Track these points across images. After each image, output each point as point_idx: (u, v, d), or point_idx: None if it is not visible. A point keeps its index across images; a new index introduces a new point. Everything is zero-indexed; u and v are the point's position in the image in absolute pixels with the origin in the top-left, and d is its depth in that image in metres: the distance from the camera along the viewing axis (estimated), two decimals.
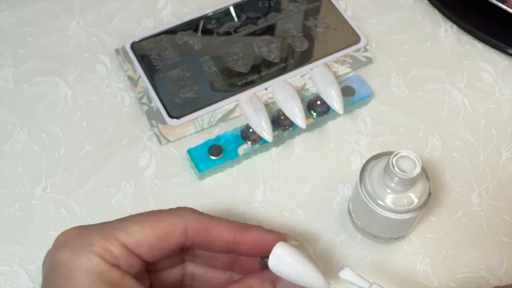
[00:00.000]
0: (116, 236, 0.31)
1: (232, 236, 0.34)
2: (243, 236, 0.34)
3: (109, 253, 0.31)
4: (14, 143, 0.48)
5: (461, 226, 0.44)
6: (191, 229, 0.33)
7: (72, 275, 0.30)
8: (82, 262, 0.30)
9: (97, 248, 0.31)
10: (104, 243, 0.31)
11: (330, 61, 0.51)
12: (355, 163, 0.47)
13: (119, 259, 0.31)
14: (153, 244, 0.32)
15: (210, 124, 0.48)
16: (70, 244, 0.31)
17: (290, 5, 0.55)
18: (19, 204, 0.45)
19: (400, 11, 0.55)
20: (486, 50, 0.53)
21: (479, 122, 0.49)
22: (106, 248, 0.31)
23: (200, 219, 0.34)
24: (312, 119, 0.48)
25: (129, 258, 0.32)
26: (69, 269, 0.30)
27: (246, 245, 0.34)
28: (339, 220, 0.44)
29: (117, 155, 0.47)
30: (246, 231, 0.34)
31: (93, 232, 0.32)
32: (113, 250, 0.31)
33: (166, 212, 0.33)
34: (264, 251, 0.34)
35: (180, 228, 0.33)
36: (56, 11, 0.56)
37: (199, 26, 0.53)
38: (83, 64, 0.52)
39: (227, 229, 0.34)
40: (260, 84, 0.50)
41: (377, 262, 0.42)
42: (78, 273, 0.30)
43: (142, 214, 0.33)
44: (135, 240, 0.32)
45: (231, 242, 0.34)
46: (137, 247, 0.32)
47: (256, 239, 0.34)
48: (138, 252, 0.32)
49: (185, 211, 0.34)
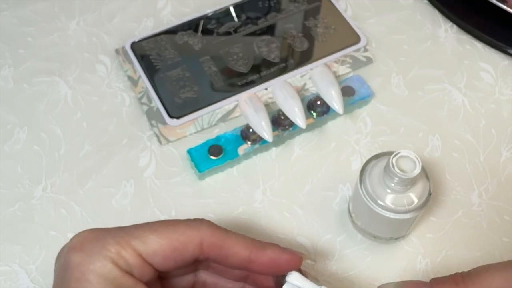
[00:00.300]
0: (131, 243, 0.31)
1: (248, 255, 0.33)
2: (259, 255, 0.34)
3: (123, 260, 0.31)
4: (14, 143, 0.48)
5: (461, 226, 0.44)
6: (206, 243, 0.33)
7: (85, 278, 0.30)
8: (96, 266, 0.30)
9: (112, 254, 0.31)
10: (120, 250, 0.31)
11: (330, 61, 0.51)
12: (355, 163, 0.47)
13: (133, 267, 0.31)
14: (168, 255, 0.32)
15: (210, 124, 0.48)
16: (85, 247, 0.31)
17: (290, 5, 0.55)
18: (19, 204, 0.45)
19: (400, 11, 0.55)
20: (486, 50, 0.53)
21: (479, 122, 0.49)
22: (120, 255, 0.31)
23: (217, 234, 0.33)
24: (312, 119, 0.48)
25: (142, 267, 0.32)
26: (83, 272, 0.30)
27: (260, 264, 0.34)
28: (339, 220, 0.44)
29: (117, 155, 0.47)
30: (262, 250, 0.34)
31: (110, 237, 0.32)
32: (127, 257, 0.31)
33: (183, 223, 0.33)
34: (278, 271, 0.34)
35: (196, 241, 0.33)
36: (56, 11, 0.56)
37: (199, 26, 0.53)
38: (83, 64, 0.52)
39: (243, 246, 0.34)
40: (260, 84, 0.50)
41: (377, 262, 0.42)
42: (91, 277, 0.30)
43: (159, 223, 0.33)
44: (150, 250, 0.32)
45: (246, 260, 0.34)
46: (151, 257, 0.32)
47: (271, 258, 0.34)
48: (151, 261, 0.32)
49: (202, 224, 0.33)
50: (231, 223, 0.44)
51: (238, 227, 0.44)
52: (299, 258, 0.35)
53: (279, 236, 0.43)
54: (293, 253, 0.35)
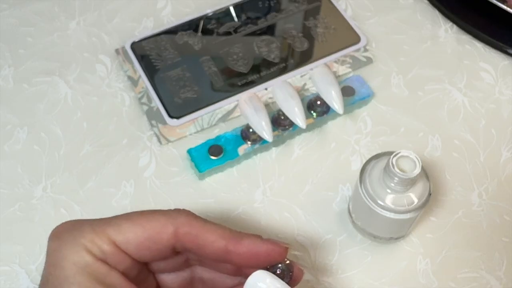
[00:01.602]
0: (106, 231, 0.32)
1: (224, 245, 0.33)
2: (236, 245, 0.33)
3: (97, 247, 0.31)
4: (14, 143, 0.48)
5: (461, 226, 0.44)
6: (182, 231, 0.32)
7: (59, 265, 0.31)
8: (69, 252, 0.31)
9: (85, 241, 0.31)
10: (94, 237, 0.31)
11: (330, 61, 0.51)
12: (355, 163, 0.47)
13: (106, 254, 0.31)
14: (141, 243, 0.32)
15: (210, 124, 0.48)
16: (62, 235, 0.32)
17: (290, 5, 0.55)
18: (19, 204, 0.45)
19: (400, 11, 0.55)
20: (486, 50, 0.53)
21: (479, 122, 0.49)
22: (94, 242, 0.31)
23: (193, 223, 0.33)
24: (312, 119, 0.48)
25: (116, 254, 0.32)
26: (57, 258, 0.31)
27: (238, 255, 0.33)
28: (339, 220, 0.44)
29: (117, 155, 0.47)
30: (239, 240, 0.33)
31: (86, 226, 0.32)
32: (101, 244, 0.31)
33: (159, 213, 0.33)
34: (260, 262, 0.33)
35: (170, 230, 0.32)
36: (56, 11, 0.56)
37: (199, 26, 0.53)
38: (83, 64, 0.52)
39: (219, 236, 0.33)
40: (260, 84, 0.50)
41: (377, 262, 0.42)
42: (64, 263, 0.30)
43: (137, 213, 0.33)
44: (123, 237, 0.32)
45: (223, 251, 0.33)
46: (125, 244, 0.32)
47: (249, 249, 0.33)
48: (125, 249, 0.32)
49: (179, 213, 0.33)
50: (231, 223, 0.44)
51: (238, 227, 0.44)
52: (282, 249, 0.33)
53: (279, 236, 0.43)
54: (274, 244, 0.33)
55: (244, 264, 0.33)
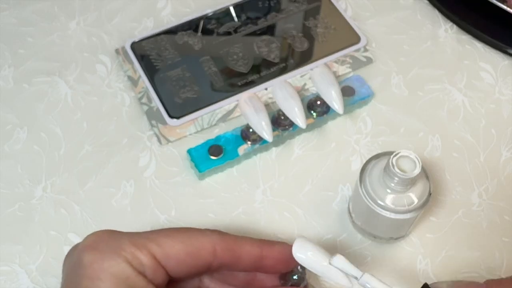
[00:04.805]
0: (146, 245, 0.32)
1: (259, 251, 0.34)
2: (269, 250, 0.35)
3: (137, 261, 0.31)
4: (14, 143, 0.48)
5: (461, 226, 0.44)
6: (219, 248, 0.33)
7: (98, 277, 0.30)
8: (110, 265, 0.30)
9: (126, 253, 0.31)
10: (134, 250, 0.31)
11: (330, 61, 0.51)
12: (355, 163, 0.47)
13: (146, 268, 0.32)
14: (182, 259, 0.32)
15: (210, 124, 0.48)
16: (100, 246, 0.32)
17: (290, 5, 0.55)
18: (19, 204, 0.45)
19: (400, 11, 0.55)
20: (486, 50, 0.53)
21: (479, 122, 0.49)
22: (135, 255, 0.31)
23: (227, 238, 0.34)
24: (312, 119, 0.48)
25: (156, 269, 0.32)
26: (96, 270, 0.30)
27: (272, 259, 0.35)
28: (339, 220, 0.44)
29: (117, 155, 0.47)
30: (272, 246, 0.35)
31: (125, 238, 0.32)
32: (141, 258, 0.31)
33: (196, 230, 0.34)
34: (290, 264, 0.35)
35: (209, 247, 0.33)
36: (56, 11, 0.56)
37: (199, 26, 0.53)
38: (83, 64, 0.52)
39: (254, 245, 0.35)
40: (260, 84, 0.50)
41: (377, 262, 0.42)
42: (104, 275, 0.30)
43: (174, 229, 0.34)
44: (164, 252, 0.32)
45: (259, 257, 0.34)
46: (166, 260, 0.32)
47: (281, 252, 0.35)
48: (165, 265, 0.32)
49: (213, 232, 0.34)
50: (231, 223, 0.44)
51: (238, 227, 0.44)
52: None
53: (279, 236, 0.43)
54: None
55: (276, 267, 0.35)
